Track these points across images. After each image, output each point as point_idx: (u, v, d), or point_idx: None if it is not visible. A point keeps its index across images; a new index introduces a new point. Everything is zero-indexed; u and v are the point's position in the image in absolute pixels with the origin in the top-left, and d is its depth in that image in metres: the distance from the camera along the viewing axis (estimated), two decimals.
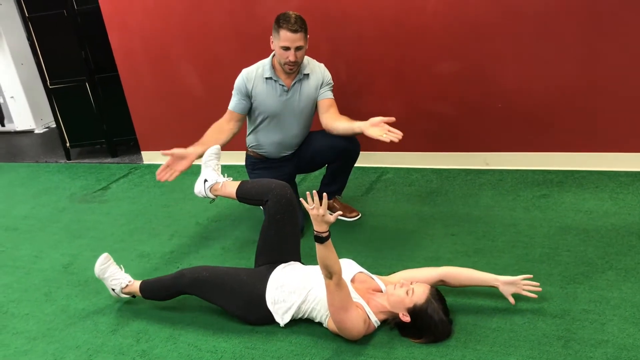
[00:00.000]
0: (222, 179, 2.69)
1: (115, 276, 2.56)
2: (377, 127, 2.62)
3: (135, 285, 2.53)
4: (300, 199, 2.09)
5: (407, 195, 3.36)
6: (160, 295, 2.48)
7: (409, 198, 3.31)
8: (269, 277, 2.30)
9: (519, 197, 3.12)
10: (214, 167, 2.73)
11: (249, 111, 2.98)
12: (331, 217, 1.98)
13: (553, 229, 2.75)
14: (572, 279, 2.34)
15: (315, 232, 1.97)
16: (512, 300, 2.20)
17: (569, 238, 2.65)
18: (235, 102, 2.95)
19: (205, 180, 2.70)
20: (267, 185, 2.52)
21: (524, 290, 2.20)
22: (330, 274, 1.98)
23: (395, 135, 2.57)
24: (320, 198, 1.97)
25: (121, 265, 2.61)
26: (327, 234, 1.97)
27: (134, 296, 2.57)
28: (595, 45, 3.11)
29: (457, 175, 3.52)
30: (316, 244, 1.97)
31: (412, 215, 3.10)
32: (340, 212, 2.13)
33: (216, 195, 2.71)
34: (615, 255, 2.47)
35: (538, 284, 2.21)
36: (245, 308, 2.30)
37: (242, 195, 2.62)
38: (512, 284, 2.21)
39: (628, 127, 3.20)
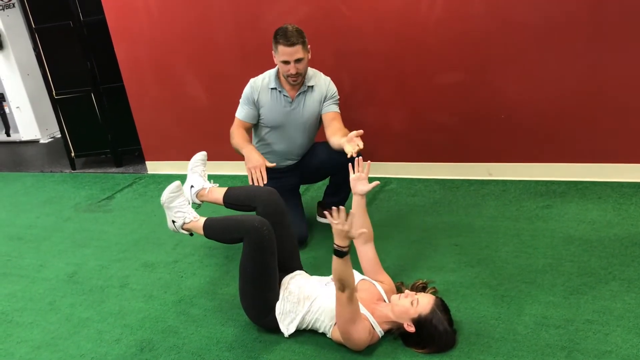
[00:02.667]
0: (208, 184, 2.72)
1: (182, 209, 2.46)
2: (348, 144, 2.54)
3: (200, 222, 2.44)
4: (325, 211, 2.11)
5: (411, 205, 3.36)
6: (224, 236, 2.39)
7: (412, 208, 3.32)
8: (279, 288, 2.32)
9: (522, 208, 3.12)
10: (200, 173, 2.75)
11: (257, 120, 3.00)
12: (355, 234, 1.97)
13: (556, 239, 2.76)
14: (576, 290, 2.34)
15: (335, 246, 1.96)
16: (374, 183, 2.38)
17: (572, 248, 2.66)
18: (244, 112, 2.98)
19: (192, 186, 2.71)
20: (254, 191, 2.55)
21: (363, 173, 2.37)
22: (344, 287, 1.97)
23: (356, 145, 2.53)
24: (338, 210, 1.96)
25: (194, 205, 2.55)
26: (347, 248, 1.96)
27: (191, 234, 2.51)
28: (599, 57, 3.12)
29: (461, 185, 3.53)
30: (334, 257, 1.96)
31: (416, 226, 3.10)
32: (365, 230, 2.14)
33: (202, 201, 2.72)
34: (618, 266, 2.47)
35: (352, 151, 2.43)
36: (260, 308, 2.30)
37: (230, 201, 2.64)
38: (357, 179, 2.37)
39: (631, 138, 3.20)
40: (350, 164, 2.41)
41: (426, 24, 3.38)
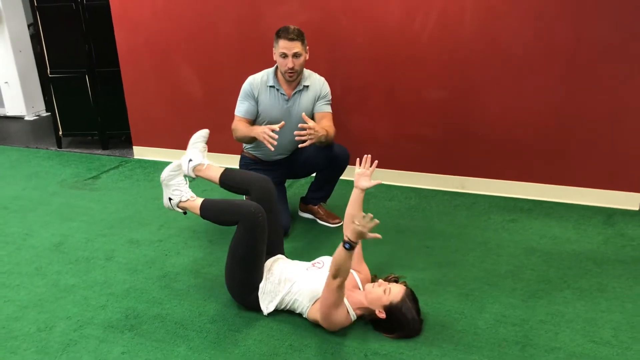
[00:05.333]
0: (207, 161, 2.85)
1: (180, 187, 2.59)
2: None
3: (197, 202, 2.56)
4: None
5: (387, 208, 3.56)
6: (220, 218, 2.51)
7: (388, 211, 3.51)
8: (263, 269, 2.48)
9: (491, 220, 3.35)
10: (200, 149, 2.87)
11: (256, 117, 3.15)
12: (369, 236, 2.13)
13: (519, 249, 2.98)
14: (533, 294, 2.56)
15: (347, 239, 2.08)
16: (376, 182, 2.55)
17: (533, 259, 2.88)
18: (245, 108, 3.10)
19: (190, 160, 2.84)
20: (250, 176, 2.72)
21: (368, 170, 2.55)
22: (338, 275, 2.12)
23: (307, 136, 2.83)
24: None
25: (187, 178, 2.67)
26: (357, 244, 2.11)
27: (185, 212, 2.63)
28: (572, 89, 3.38)
29: (435, 195, 3.74)
30: (342, 248, 2.08)
31: (390, 227, 3.29)
32: (378, 236, 2.29)
33: (197, 176, 2.85)
34: (573, 277, 2.70)
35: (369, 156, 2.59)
36: (244, 287, 2.45)
37: (226, 180, 2.78)
38: (361, 174, 2.55)
39: (595, 165, 3.46)
40: (357, 159, 2.59)
41: (418, 40, 3.59)
